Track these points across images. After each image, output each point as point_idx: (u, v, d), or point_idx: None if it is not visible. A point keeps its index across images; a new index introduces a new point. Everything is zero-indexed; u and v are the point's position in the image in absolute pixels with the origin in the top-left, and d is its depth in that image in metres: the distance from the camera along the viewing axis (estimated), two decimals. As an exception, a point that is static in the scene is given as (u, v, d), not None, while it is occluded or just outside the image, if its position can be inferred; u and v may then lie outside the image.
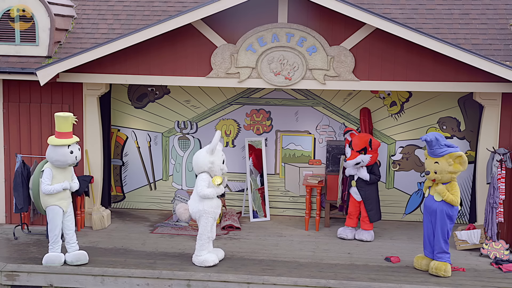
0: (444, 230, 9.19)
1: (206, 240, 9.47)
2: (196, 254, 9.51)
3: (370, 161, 10.76)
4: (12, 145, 11.32)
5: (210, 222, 9.46)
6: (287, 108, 12.14)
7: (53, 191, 9.21)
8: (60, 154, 9.20)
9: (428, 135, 9.05)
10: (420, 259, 9.47)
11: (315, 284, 8.84)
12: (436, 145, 9.03)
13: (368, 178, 10.76)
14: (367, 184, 10.81)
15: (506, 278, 9.22)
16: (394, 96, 11.90)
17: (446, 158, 9.01)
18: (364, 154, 10.71)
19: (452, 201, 9.07)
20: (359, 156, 10.70)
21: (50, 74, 10.36)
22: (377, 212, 10.92)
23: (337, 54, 10.31)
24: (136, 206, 12.63)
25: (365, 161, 10.73)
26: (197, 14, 10.08)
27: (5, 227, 11.33)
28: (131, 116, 12.42)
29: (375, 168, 10.86)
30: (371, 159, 10.73)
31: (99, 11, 11.96)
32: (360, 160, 10.71)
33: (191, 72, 10.63)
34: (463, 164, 9.04)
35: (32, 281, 9.17)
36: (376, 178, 10.85)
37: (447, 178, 9.06)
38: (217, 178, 9.28)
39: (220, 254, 9.73)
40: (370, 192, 10.85)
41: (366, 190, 10.82)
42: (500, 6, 11.56)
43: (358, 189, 10.85)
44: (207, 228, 9.46)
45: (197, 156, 9.47)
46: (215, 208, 9.48)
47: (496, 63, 9.74)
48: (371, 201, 10.84)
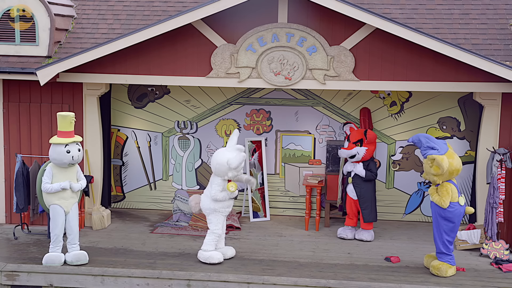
0: (440, 230, 9.20)
1: (214, 237, 9.54)
2: (203, 249, 9.55)
3: (366, 155, 10.64)
4: (12, 145, 11.32)
5: (220, 219, 9.58)
6: (287, 108, 12.14)
7: (50, 190, 9.22)
8: (56, 152, 9.22)
9: (412, 137, 9.13)
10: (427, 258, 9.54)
11: (315, 284, 8.84)
12: (421, 147, 9.07)
13: (363, 174, 10.67)
14: (363, 181, 10.73)
15: (506, 278, 9.22)
16: (394, 96, 11.90)
17: (426, 160, 9.06)
18: (360, 146, 10.63)
19: (438, 202, 9.10)
20: (355, 148, 10.65)
21: (50, 74, 10.36)
22: (372, 211, 10.78)
23: (337, 54, 10.32)
24: (136, 206, 12.63)
25: (361, 154, 10.63)
26: (197, 14, 10.08)
27: (5, 227, 11.33)
28: (131, 116, 12.42)
29: (371, 165, 10.75)
30: (366, 152, 10.63)
31: (99, 11, 11.96)
32: (355, 152, 10.64)
33: (191, 72, 10.63)
34: (439, 166, 8.93)
35: (32, 281, 9.17)
36: (372, 175, 10.72)
37: (432, 180, 9.10)
38: (231, 185, 9.39)
39: (230, 252, 9.78)
40: (366, 190, 10.74)
41: (362, 188, 10.73)
42: (500, 6, 11.56)
43: (354, 186, 10.78)
44: (218, 225, 9.56)
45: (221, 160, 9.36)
46: (226, 207, 9.61)
47: (496, 63, 9.74)
48: (366, 200, 10.74)
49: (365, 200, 10.74)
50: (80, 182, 9.51)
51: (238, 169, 9.39)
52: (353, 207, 10.92)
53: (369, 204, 10.75)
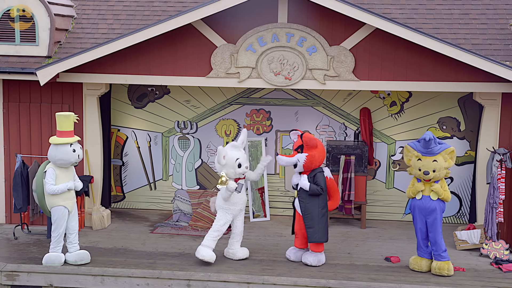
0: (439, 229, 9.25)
1: (215, 234, 9.56)
2: (202, 244, 9.56)
3: (307, 162, 9.30)
4: (12, 145, 11.32)
5: (224, 218, 9.62)
6: (287, 108, 12.14)
7: (58, 191, 9.21)
8: (63, 152, 9.21)
9: (428, 134, 9.09)
10: (418, 261, 9.45)
11: (315, 284, 8.84)
12: (433, 143, 9.08)
13: (307, 187, 9.31)
14: (308, 196, 9.39)
15: (506, 278, 9.22)
16: (394, 96, 11.90)
17: (443, 154, 9.08)
18: (301, 152, 9.40)
19: (448, 198, 9.24)
20: (296, 155, 9.41)
21: (50, 74, 10.36)
22: (318, 231, 9.39)
23: (337, 54, 10.32)
24: (136, 206, 12.63)
25: (301, 161, 9.31)
26: (197, 14, 10.08)
27: (5, 227, 11.33)
28: (131, 116, 12.42)
29: (319, 178, 9.36)
30: (307, 158, 9.28)
31: (99, 11, 11.96)
32: (296, 160, 9.37)
33: (191, 72, 10.63)
34: (453, 159, 9.19)
35: (32, 281, 9.17)
36: (317, 189, 9.30)
37: (443, 175, 9.13)
38: (220, 178, 9.45)
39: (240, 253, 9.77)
40: (311, 206, 9.38)
41: (306, 203, 9.39)
42: (500, 6, 11.57)
43: (299, 201, 9.50)
44: (219, 222, 9.61)
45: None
46: (231, 205, 9.63)
47: (496, 63, 9.74)
48: (311, 217, 9.38)
49: (310, 218, 9.38)
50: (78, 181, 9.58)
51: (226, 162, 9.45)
52: (301, 225, 9.63)
53: (314, 222, 9.38)
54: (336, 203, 9.77)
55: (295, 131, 9.68)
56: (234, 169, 9.49)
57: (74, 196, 9.48)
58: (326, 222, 9.49)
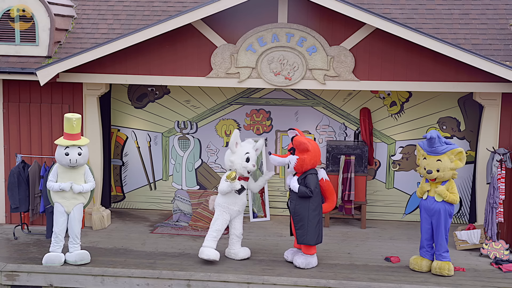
0: (447, 228, 9.25)
1: (214, 233, 9.56)
2: (203, 245, 9.58)
3: (297, 165, 9.27)
4: (12, 145, 11.32)
5: (222, 217, 9.62)
6: (287, 108, 12.14)
7: (52, 188, 9.35)
8: (58, 153, 9.38)
9: (431, 133, 9.07)
10: (419, 261, 9.44)
11: (315, 284, 8.85)
12: (438, 143, 9.06)
13: (296, 189, 9.23)
14: (298, 197, 9.29)
15: (506, 278, 9.22)
16: (394, 96, 11.90)
17: (448, 154, 9.04)
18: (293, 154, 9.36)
19: (454, 200, 9.12)
20: (289, 156, 9.40)
21: (50, 74, 10.36)
22: (307, 233, 9.27)
23: (337, 54, 10.32)
24: (136, 206, 12.63)
25: (292, 163, 9.29)
26: (197, 14, 10.08)
27: (5, 227, 11.33)
28: (131, 116, 12.42)
29: (309, 180, 9.23)
30: (298, 161, 9.23)
31: (99, 11, 11.96)
32: (288, 161, 9.37)
33: (191, 72, 10.63)
34: (462, 160, 9.09)
35: (32, 281, 9.18)
36: (306, 191, 9.17)
37: (449, 176, 9.07)
38: (231, 173, 9.44)
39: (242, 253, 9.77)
40: (300, 208, 9.28)
41: (296, 204, 9.31)
42: (500, 6, 11.57)
43: (290, 201, 9.48)
44: (217, 222, 9.62)
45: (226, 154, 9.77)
46: (229, 204, 9.63)
47: (496, 63, 9.74)
48: (300, 219, 9.29)
49: (299, 219, 9.30)
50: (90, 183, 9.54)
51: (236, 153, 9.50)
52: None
53: (304, 223, 9.28)
54: (332, 206, 9.67)
55: (292, 130, 9.58)
56: (241, 160, 9.49)
57: (76, 197, 9.44)
58: (317, 224, 9.34)
